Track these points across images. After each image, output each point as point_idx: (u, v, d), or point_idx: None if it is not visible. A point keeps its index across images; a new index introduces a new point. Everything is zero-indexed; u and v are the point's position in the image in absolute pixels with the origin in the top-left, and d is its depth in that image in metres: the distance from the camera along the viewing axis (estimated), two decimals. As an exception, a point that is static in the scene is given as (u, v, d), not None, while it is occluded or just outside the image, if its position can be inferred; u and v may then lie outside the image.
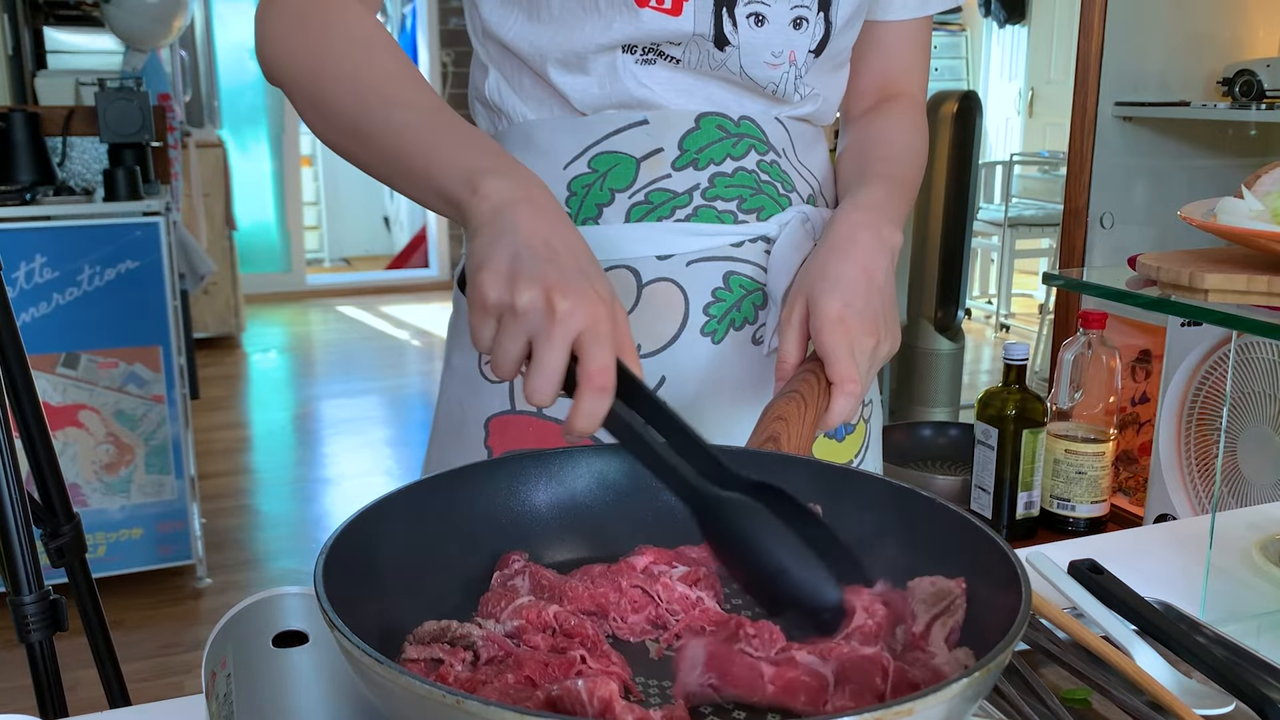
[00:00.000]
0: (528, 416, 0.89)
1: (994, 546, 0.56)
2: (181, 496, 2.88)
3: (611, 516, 0.67)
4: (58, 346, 2.69)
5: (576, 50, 0.83)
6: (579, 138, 0.86)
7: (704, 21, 0.82)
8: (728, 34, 0.83)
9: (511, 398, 0.90)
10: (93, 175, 3.04)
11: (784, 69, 0.86)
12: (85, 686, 1.85)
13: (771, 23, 0.84)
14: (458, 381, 0.94)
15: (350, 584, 0.53)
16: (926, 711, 0.43)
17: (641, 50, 0.84)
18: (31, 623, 1.30)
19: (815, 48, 0.87)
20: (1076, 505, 1.85)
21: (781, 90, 0.87)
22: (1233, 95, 2.28)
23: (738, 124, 0.87)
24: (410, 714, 0.45)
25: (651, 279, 0.87)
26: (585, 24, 0.82)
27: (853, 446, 0.98)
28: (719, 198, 0.87)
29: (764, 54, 0.85)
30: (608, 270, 0.87)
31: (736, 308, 0.88)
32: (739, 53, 0.84)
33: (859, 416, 0.98)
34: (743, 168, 0.88)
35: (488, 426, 0.90)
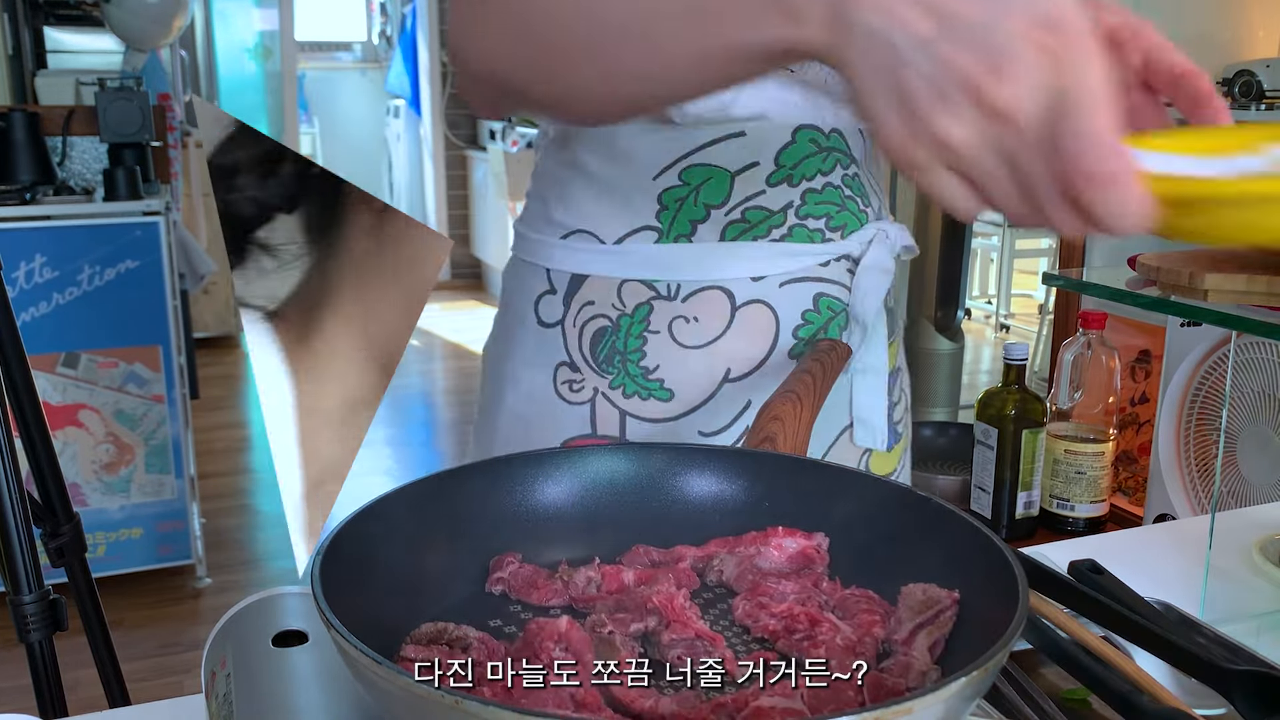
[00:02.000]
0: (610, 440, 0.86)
1: (992, 547, 0.56)
2: (181, 496, 2.88)
3: (609, 517, 0.67)
4: (58, 346, 2.69)
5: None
6: (669, 147, 0.82)
7: None
8: None
9: (593, 421, 0.86)
10: (93, 175, 3.04)
11: None
12: (85, 686, 1.85)
13: None
14: (527, 402, 0.88)
15: (348, 584, 0.53)
16: (925, 711, 0.43)
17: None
18: (31, 622, 1.30)
19: None
20: (1076, 505, 1.85)
21: None
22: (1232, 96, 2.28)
23: (828, 136, 0.84)
24: (408, 714, 0.45)
25: (745, 301, 0.85)
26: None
27: (897, 454, 0.98)
28: (810, 216, 0.85)
29: None
30: (700, 292, 0.83)
31: (823, 330, 0.86)
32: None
33: (904, 424, 0.98)
34: (830, 183, 0.85)
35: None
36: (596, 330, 0.86)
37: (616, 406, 0.86)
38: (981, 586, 0.56)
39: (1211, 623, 0.79)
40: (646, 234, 0.84)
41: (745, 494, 0.68)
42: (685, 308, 0.84)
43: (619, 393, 0.85)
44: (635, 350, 0.85)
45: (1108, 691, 0.67)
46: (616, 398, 0.85)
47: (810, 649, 0.56)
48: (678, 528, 0.67)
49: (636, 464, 0.68)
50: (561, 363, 0.87)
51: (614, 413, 0.86)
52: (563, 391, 0.87)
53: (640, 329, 0.85)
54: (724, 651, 0.57)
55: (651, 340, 0.85)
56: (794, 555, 0.65)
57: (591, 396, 0.86)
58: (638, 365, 0.85)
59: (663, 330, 0.84)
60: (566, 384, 0.87)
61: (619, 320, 0.85)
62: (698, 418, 0.85)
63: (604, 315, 0.85)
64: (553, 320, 0.87)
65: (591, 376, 0.86)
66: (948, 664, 0.55)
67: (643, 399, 0.85)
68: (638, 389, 0.85)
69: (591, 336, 0.86)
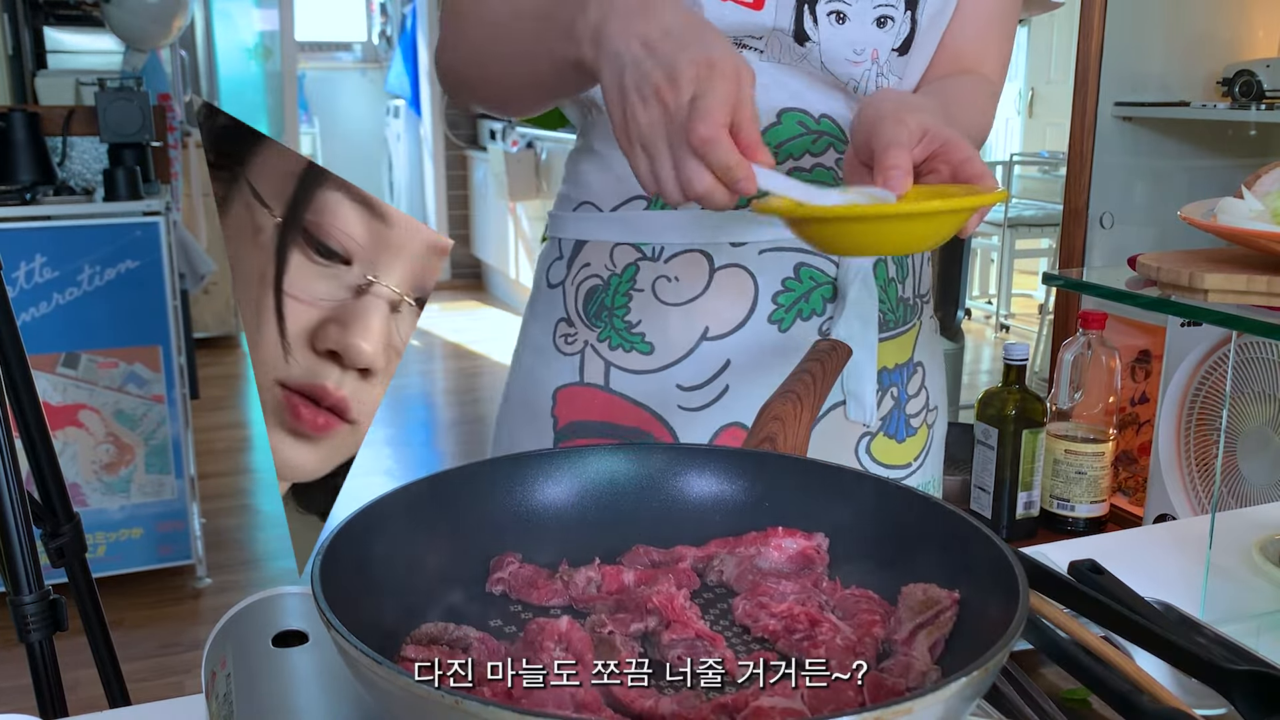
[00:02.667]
0: (594, 389, 0.93)
1: (992, 547, 0.56)
2: (181, 496, 2.88)
3: (609, 517, 0.67)
4: (58, 346, 2.68)
5: None
6: None
7: (785, 16, 0.83)
8: (808, 30, 0.84)
9: (581, 370, 0.93)
10: (93, 175, 3.04)
11: (865, 66, 0.87)
12: (85, 686, 1.85)
13: (852, 21, 0.85)
14: (531, 352, 0.97)
15: (348, 584, 0.53)
16: (925, 711, 0.43)
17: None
18: (31, 622, 1.30)
19: (899, 46, 0.87)
20: (1076, 505, 1.85)
21: (862, 87, 0.87)
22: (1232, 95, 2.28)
23: (818, 121, 0.88)
24: (408, 714, 0.45)
25: (724, 264, 0.90)
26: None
27: (914, 448, 0.98)
28: None
29: (845, 51, 0.85)
30: (682, 254, 0.90)
31: (805, 299, 0.90)
32: (819, 49, 0.85)
33: (922, 421, 0.99)
34: (821, 164, 0.89)
35: (555, 396, 0.94)
36: (590, 289, 0.94)
37: (602, 357, 0.93)
38: (981, 586, 0.56)
39: (1212, 623, 0.79)
40: (637, 202, 0.91)
41: (745, 494, 0.68)
42: (667, 268, 0.91)
43: (605, 345, 0.93)
44: (621, 306, 0.92)
45: (1108, 691, 0.67)
46: (603, 349, 0.93)
47: (810, 649, 0.56)
48: (678, 528, 0.67)
49: (636, 464, 0.68)
50: (560, 318, 0.95)
51: (599, 363, 0.93)
52: (559, 344, 0.95)
53: (627, 287, 0.92)
54: (724, 651, 0.57)
55: (636, 298, 0.92)
56: (794, 555, 0.65)
57: (582, 348, 0.94)
58: (622, 320, 0.92)
59: (646, 289, 0.91)
60: (563, 337, 0.95)
61: (609, 279, 0.93)
62: (677, 372, 0.91)
63: (597, 275, 0.93)
64: (557, 281, 0.96)
65: (583, 330, 0.94)
66: (948, 664, 0.55)
67: (626, 351, 0.92)
68: (621, 342, 0.92)
69: (586, 294, 0.94)
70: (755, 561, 0.65)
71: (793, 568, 0.64)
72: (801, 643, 0.57)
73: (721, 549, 0.66)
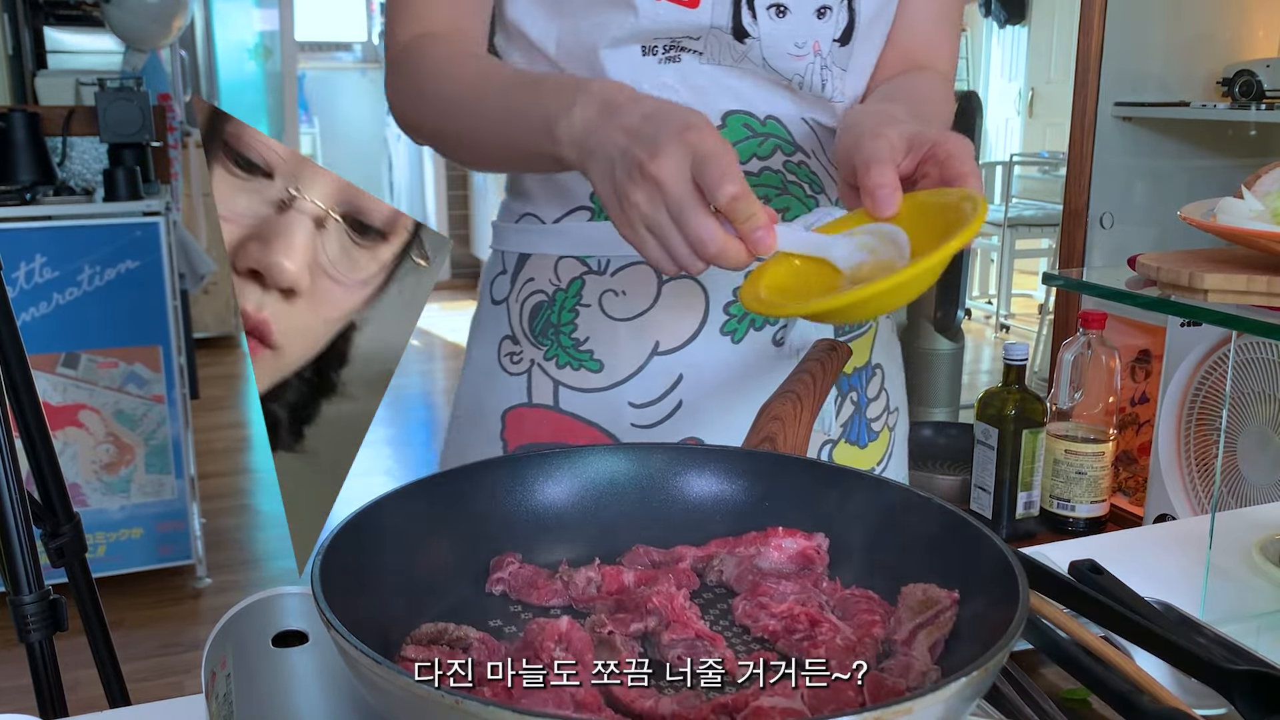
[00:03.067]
0: (544, 410, 0.90)
1: (992, 547, 0.56)
2: (181, 496, 2.88)
3: (609, 517, 0.67)
4: (58, 346, 2.68)
5: (597, 46, 0.83)
6: None
7: (722, 14, 0.82)
8: (747, 26, 0.82)
9: (529, 390, 0.90)
10: (93, 175, 3.04)
11: (808, 60, 0.85)
12: (85, 686, 1.85)
13: (794, 13, 0.83)
14: (477, 373, 0.95)
15: (348, 584, 0.53)
16: (925, 711, 0.43)
17: (663, 49, 0.83)
18: (31, 622, 1.30)
19: (840, 36, 0.86)
20: (1076, 505, 1.85)
21: (808, 82, 0.86)
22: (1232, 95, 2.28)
23: (764, 123, 0.87)
24: (408, 714, 0.45)
25: (671, 276, 0.87)
26: (604, 17, 0.82)
27: (876, 454, 0.97)
28: None
29: (786, 45, 0.84)
30: (628, 267, 0.88)
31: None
32: (760, 44, 0.83)
33: (883, 424, 0.98)
34: (769, 167, 0.87)
35: (505, 419, 0.92)
36: (535, 305, 0.91)
37: (550, 376, 0.90)
38: (981, 586, 0.56)
39: (1212, 623, 0.79)
40: (581, 213, 0.89)
41: (745, 494, 0.68)
42: (614, 282, 0.89)
43: (553, 363, 0.90)
44: (568, 323, 0.90)
45: (1108, 691, 0.67)
46: (550, 368, 0.90)
47: (810, 649, 0.56)
48: (678, 528, 0.67)
49: (636, 464, 0.68)
50: (505, 336, 0.93)
51: (548, 383, 0.90)
52: (504, 363, 0.92)
53: (573, 302, 0.89)
54: (724, 651, 0.57)
55: (583, 313, 0.89)
56: (794, 555, 0.65)
57: (528, 367, 0.91)
58: (569, 337, 0.90)
59: (593, 303, 0.89)
60: (508, 356, 0.93)
61: (554, 295, 0.90)
62: (628, 389, 0.89)
63: (542, 291, 0.91)
64: (501, 297, 0.94)
65: (529, 348, 0.91)
66: (948, 664, 0.55)
67: (574, 369, 0.90)
68: (569, 360, 0.90)
69: (531, 310, 0.91)
70: (755, 561, 0.65)
71: (793, 568, 0.64)
72: (801, 643, 0.57)
73: (721, 549, 0.66)
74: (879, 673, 0.53)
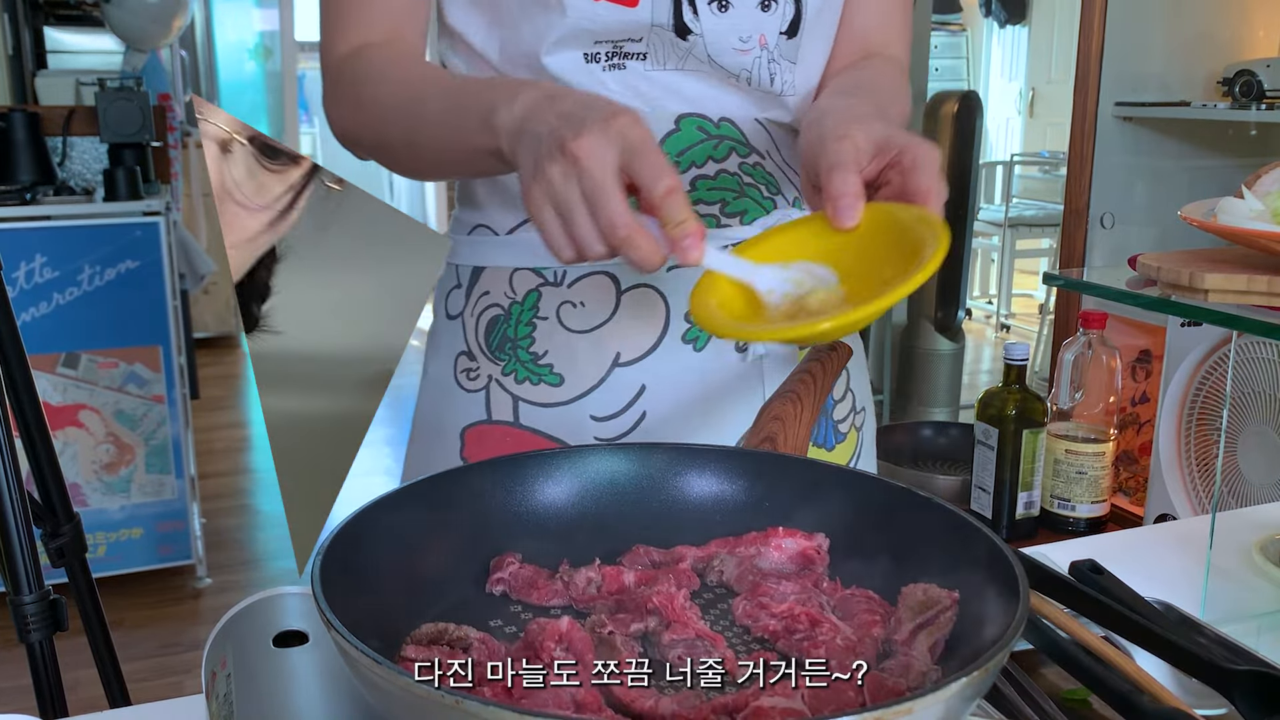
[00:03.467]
0: (504, 426, 0.88)
1: (993, 547, 0.56)
2: (181, 496, 2.88)
3: (609, 517, 0.67)
4: (58, 346, 2.68)
5: (538, 52, 0.81)
6: None
7: (662, 11, 0.80)
8: (689, 22, 0.81)
9: (488, 407, 0.88)
10: (93, 175, 3.04)
11: (754, 54, 0.83)
12: (85, 686, 1.85)
13: (736, 7, 0.81)
14: (434, 390, 0.93)
15: (348, 584, 0.53)
16: (925, 711, 0.43)
17: (606, 55, 0.82)
18: (31, 622, 1.30)
19: (787, 29, 0.84)
20: (1077, 505, 1.85)
21: (755, 77, 0.84)
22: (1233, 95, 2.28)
23: (717, 125, 0.85)
24: (408, 715, 0.45)
25: (631, 285, 0.86)
26: (538, 21, 0.81)
27: (844, 455, 0.96)
28: (701, 201, 0.85)
29: (730, 39, 0.82)
30: (586, 277, 0.86)
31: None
32: (703, 40, 0.81)
33: (850, 425, 0.97)
34: (725, 170, 0.85)
35: (464, 436, 0.90)
36: (491, 319, 0.89)
37: (509, 392, 0.88)
38: (982, 587, 0.56)
39: (1212, 623, 0.79)
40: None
41: (745, 494, 0.68)
42: (571, 293, 0.86)
43: (511, 379, 0.88)
44: (525, 337, 0.88)
45: (1108, 691, 0.67)
46: (509, 384, 0.88)
47: (810, 649, 0.56)
48: (678, 528, 0.67)
49: (636, 464, 0.68)
50: (460, 352, 0.91)
51: (506, 399, 0.88)
52: (461, 380, 0.90)
53: (530, 315, 0.87)
54: (724, 651, 0.57)
55: (540, 326, 0.87)
56: (794, 555, 0.65)
57: (486, 384, 0.89)
58: (527, 351, 0.88)
59: (551, 316, 0.87)
60: (464, 372, 0.90)
61: (510, 308, 0.88)
62: (589, 402, 0.87)
63: (497, 304, 0.89)
64: (455, 312, 0.92)
65: (486, 364, 0.89)
66: (948, 664, 0.55)
67: (534, 384, 0.88)
68: (528, 374, 0.88)
69: (486, 325, 0.89)
70: (755, 562, 0.65)
71: (793, 568, 0.64)
72: (801, 643, 0.57)
73: (721, 549, 0.66)
74: (879, 673, 0.53)
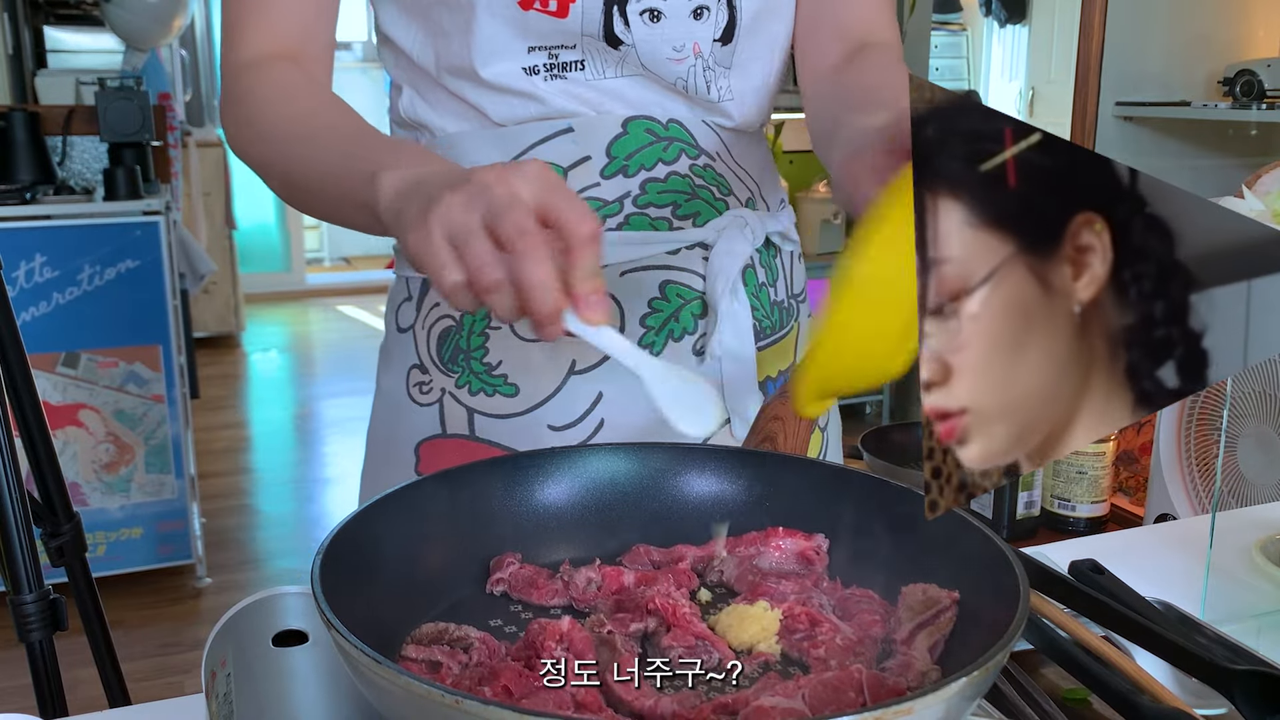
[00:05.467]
0: (459, 440, 0.86)
1: (993, 546, 0.56)
2: (181, 496, 2.88)
3: (610, 517, 0.67)
4: (58, 346, 2.68)
5: (473, 64, 0.80)
6: (502, 148, 0.84)
7: (593, 21, 0.79)
8: (619, 33, 0.80)
9: (442, 421, 0.87)
10: (93, 175, 3.04)
11: (689, 62, 0.82)
12: (85, 686, 1.85)
13: (669, 16, 0.80)
14: (387, 405, 0.91)
15: (348, 583, 0.53)
16: (926, 711, 0.43)
17: (545, 67, 0.81)
18: (31, 622, 1.30)
19: (721, 36, 0.83)
20: (1077, 505, 1.85)
21: (692, 85, 0.83)
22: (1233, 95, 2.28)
23: (666, 127, 0.84)
24: (408, 714, 0.45)
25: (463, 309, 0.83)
26: (475, 31, 0.80)
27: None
28: (651, 204, 0.84)
29: (664, 50, 0.81)
30: None
31: (675, 318, 0.85)
32: (636, 50, 0.80)
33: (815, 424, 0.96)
34: (675, 172, 0.84)
35: (418, 452, 0.88)
36: (443, 331, 0.87)
37: (463, 405, 0.86)
38: (982, 586, 0.56)
39: (1212, 623, 0.79)
40: None
41: (745, 494, 0.68)
42: None
43: (464, 391, 0.86)
44: (478, 348, 0.86)
45: (1108, 691, 0.67)
46: (463, 396, 0.86)
47: (810, 649, 0.56)
48: (678, 528, 0.67)
49: (636, 464, 0.68)
50: (413, 365, 0.88)
51: (461, 411, 0.86)
52: (413, 394, 0.88)
53: (482, 326, 0.86)
54: (724, 651, 0.57)
55: (493, 336, 0.85)
56: (794, 555, 0.65)
57: (439, 397, 0.87)
58: (480, 362, 0.86)
59: (504, 326, 0.85)
60: (417, 386, 0.88)
61: (462, 319, 0.86)
62: (546, 412, 0.85)
63: (449, 315, 0.87)
64: (406, 325, 0.89)
65: (438, 377, 0.87)
66: (948, 664, 0.55)
67: (488, 395, 0.86)
68: (482, 386, 0.86)
69: (438, 337, 0.87)
70: (755, 561, 0.65)
71: (793, 568, 0.64)
72: (801, 643, 0.57)
73: (722, 549, 0.66)
74: (879, 673, 0.53)
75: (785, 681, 0.52)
